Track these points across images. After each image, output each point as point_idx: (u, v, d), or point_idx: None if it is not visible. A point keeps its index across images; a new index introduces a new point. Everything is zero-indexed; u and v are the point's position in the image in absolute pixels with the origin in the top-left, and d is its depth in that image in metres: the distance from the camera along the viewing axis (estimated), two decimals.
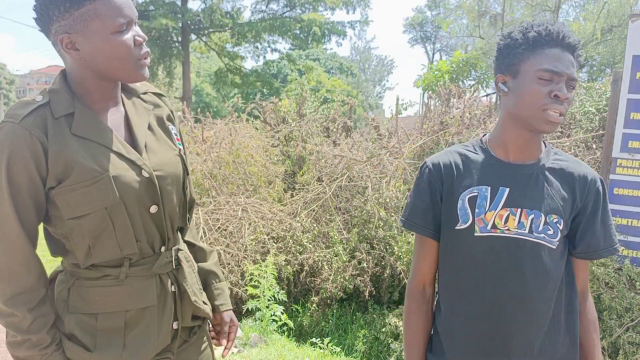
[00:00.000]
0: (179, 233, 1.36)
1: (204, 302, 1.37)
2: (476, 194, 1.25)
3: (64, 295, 1.21)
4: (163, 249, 1.25)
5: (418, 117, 6.26)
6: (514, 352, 1.24)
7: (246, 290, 3.94)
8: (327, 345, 3.60)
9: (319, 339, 3.74)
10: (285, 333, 3.96)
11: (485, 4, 22.22)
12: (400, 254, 3.95)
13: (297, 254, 4.29)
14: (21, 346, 1.15)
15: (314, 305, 4.11)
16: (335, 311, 4.17)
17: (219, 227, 4.65)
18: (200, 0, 19.99)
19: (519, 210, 1.22)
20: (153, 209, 1.20)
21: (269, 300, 3.79)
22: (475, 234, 1.24)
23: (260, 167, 5.49)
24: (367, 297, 4.02)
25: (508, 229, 1.23)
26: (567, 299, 1.29)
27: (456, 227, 1.26)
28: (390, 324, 3.70)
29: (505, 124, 1.27)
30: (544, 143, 1.31)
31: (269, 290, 3.79)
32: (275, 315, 3.77)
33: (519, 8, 21.33)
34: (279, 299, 3.85)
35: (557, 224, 1.23)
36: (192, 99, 23.57)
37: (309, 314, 4.15)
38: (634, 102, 3.43)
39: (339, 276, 4.02)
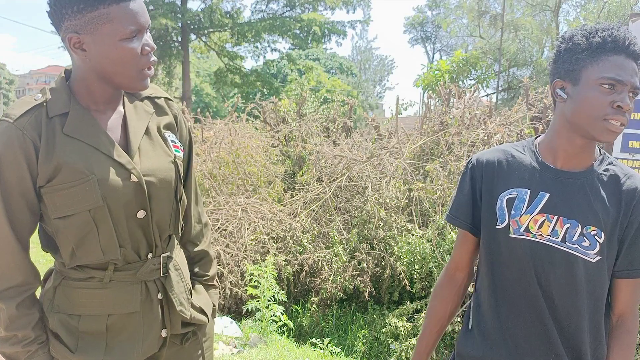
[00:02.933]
0: (174, 240, 1.34)
1: (201, 308, 1.35)
2: (515, 195, 1.24)
3: (50, 294, 1.21)
4: (150, 255, 1.23)
5: (418, 117, 6.26)
6: (533, 356, 1.24)
7: (246, 290, 3.94)
8: (327, 346, 3.60)
9: (318, 339, 3.73)
10: (285, 333, 3.96)
11: (485, 3, 22.20)
12: (400, 254, 3.95)
13: (297, 254, 4.29)
14: (7, 342, 1.16)
15: (314, 305, 4.11)
16: (335, 311, 4.17)
17: (218, 227, 4.64)
18: (200, 0, 20.00)
19: (556, 217, 1.20)
20: (140, 214, 1.18)
21: (268, 300, 3.78)
22: (510, 235, 1.24)
23: (260, 167, 5.49)
24: (367, 297, 4.01)
25: (541, 235, 1.21)
26: (598, 320, 1.23)
27: (496, 227, 1.26)
28: (390, 324, 3.70)
29: (560, 130, 1.23)
30: (599, 150, 1.26)
31: (269, 290, 3.79)
32: (275, 316, 3.77)
33: (519, 8, 21.32)
34: (278, 300, 3.85)
35: (596, 237, 1.18)
36: (192, 99, 23.56)
37: (308, 314, 4.14)
38: (634, 102, 3.42)
39: (339, 276, 4.01)
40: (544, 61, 21.26)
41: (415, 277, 3.88)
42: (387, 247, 4.14)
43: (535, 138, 1.32)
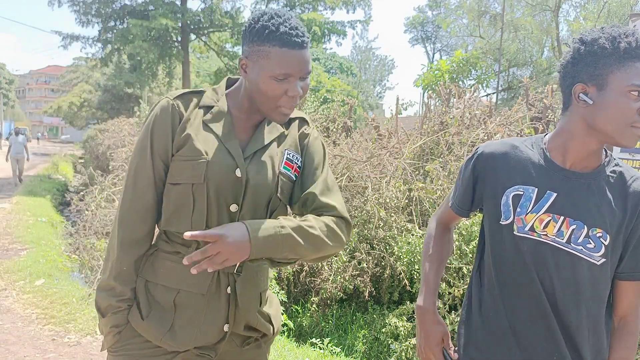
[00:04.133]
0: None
1: (269, 316, 1.40)
2: (522, 193, 1.24)
3: (143, 261, 1.34)
4: None
5: (418, 117, 6.25)
6: (538, 355, 1.24)
7: None
8: (327, 346, 3.60)
9: (318, 339, 3.73)
10: (285, 333, 3.96)
11: (485, 3, 22.21)
12: (400, 254, 3.95)
13: None
14: (104, 292, 1.31)
15: (314, 305, 4.11)
16: (335, 311, 4.17)
17: None
18: (200, 0, 19.99)
19: (562, 218, 1.19)
20: (233, 207, 1.28)
21: None
22: (514, 232, 1.24)
23: None
24: (367, 297, 4.01)
25: (546, 235, 1.20)
26: (599, 321, 1.24)
27: (500, 222, 1.26)
28: (390, 324, 3.70)
29: (577, 133, 1.21)
30: (605, 152, 1.25)
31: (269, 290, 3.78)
32: None
33: (519, 8, 21.33)
34: (279, 300, 3.84)
35: (601, 239, 1.17)
36: None
37: (308, 314, 4.14)
38: None
39: (339, 276, 4.01)
40: (544, 61, 21.27)
41: (415, 277, 3.88)
42: (387, 247, 4.14)
43: (545, 135, 1.31)
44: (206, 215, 1.27)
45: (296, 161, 1.38)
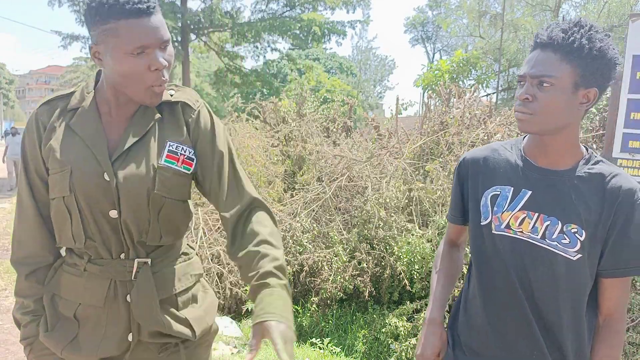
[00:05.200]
0: (172, 250, 1.32)
1: (187, 320, 1.31)
2: (499, 192, 1.27)
3: (52, 273, 1.32)
4: (123, 256, 1.25)
5: (418, 117, 6.25)
6: (513, 351, 1.26)
7: (246, 290, 3.94)
8: (327, 346, 3.60)
9: (318, 339, 3.73)
10: None
11: (485, 3, 22.20)
12: (400, 254, 3.94)
13: (297, 254, 4.29)
14: (15, 306, 1.32)
15: (314, 305, 4.11)
16: (335, 311, 4.17)
17: (218, 228, 4.64)
18: (200, 0, 19.99)
19: (536, 214, 1.21)
20: (112, 213, 1.21)
21: None
22: (492, 231, 1.26)
23: (260, 167, 5.49)
24: (367, 297, 4.01)
25: (521, 232, 1.22)
26: (579, 318, 1.24)
27: (480, 223, 1.29)
28: (390, 324, 3.70)
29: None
30: (587, 149, 1.26)
31: None
32: None
33: (519, 8, 21.31)
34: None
35: (577, 235, 1.18)
36: None
37: (308, 314, 4.14)
38: (634, 102, 3.42)
39: (339, 276, 4.01)
40: None
41: (415, 277, 3.88)
42: (387, 247, 4.14)
43: (524, 137, 1.33)
44: (82, 226, 1.21)
45: (183, 152, 1.26)
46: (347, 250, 4.18)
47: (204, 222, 4.61)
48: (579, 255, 1.19)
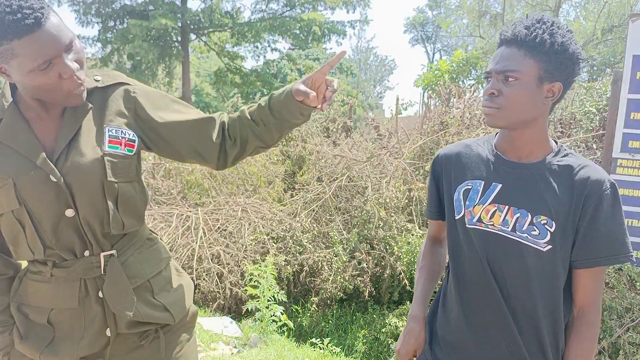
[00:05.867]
0: (134, 237, 1.32)
1: (164, 306, 1.31)
2: (470, 187, 1.29)
3: (17, 284, 1.30)
4: (87, 253, 1.23)
5: (418, 117, 6.25)
6: (488, 344, 1.27)
7: (246, 290, 3.94)
8: (327, 346, 3.60)
9: (318, 339, 3.73)
10: (285, 333, 3.96)
11: (485, 4, 22.21)
12: (400, 254, 3.95)
13: (297, 254, 4.29)
14: None
15: (314, 305, 4.11)
16: (335, 311, 4.17)
17: (218, 227, 4.64)
18: (200, 0, 19.99)
19: (507, 207, 1.23)
20: (69, 212, 1.18)
21: (268, 300, 3.78)
22: (466, 225, 1.29)
23: (260, 167, 5.49)
24: (367, 297, 4.01)
25: (492, 224, 1.25)
26: (554, 310, 1.24)
27: (455, 217, 1.32)
28: (390, 324, 3.70)
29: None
30: (556, 143, 1.28)
31: (269, 290, 3.78)
32: (275, 316, 3.76)
33: (519, 8, 21.32)
34: (278, 299, 3.84)
35: (546, 226, 1.19)
36: (192, 99, 23.56)
37: (308, 314, 4.14)
38: (634, 102, 3.42)
39: (339, 276, 4.01)
40: None
41: (415, 277, 3.88)
42: (387, 247, 4.14)
43: (497, 133, 1.35)
44: (38, 236, 1.19)
45: (123, 135, 1.24)
46: (347, 250, 4.18)
47: (203, 222, 4.61)
48: (549, 247, 1.20)
